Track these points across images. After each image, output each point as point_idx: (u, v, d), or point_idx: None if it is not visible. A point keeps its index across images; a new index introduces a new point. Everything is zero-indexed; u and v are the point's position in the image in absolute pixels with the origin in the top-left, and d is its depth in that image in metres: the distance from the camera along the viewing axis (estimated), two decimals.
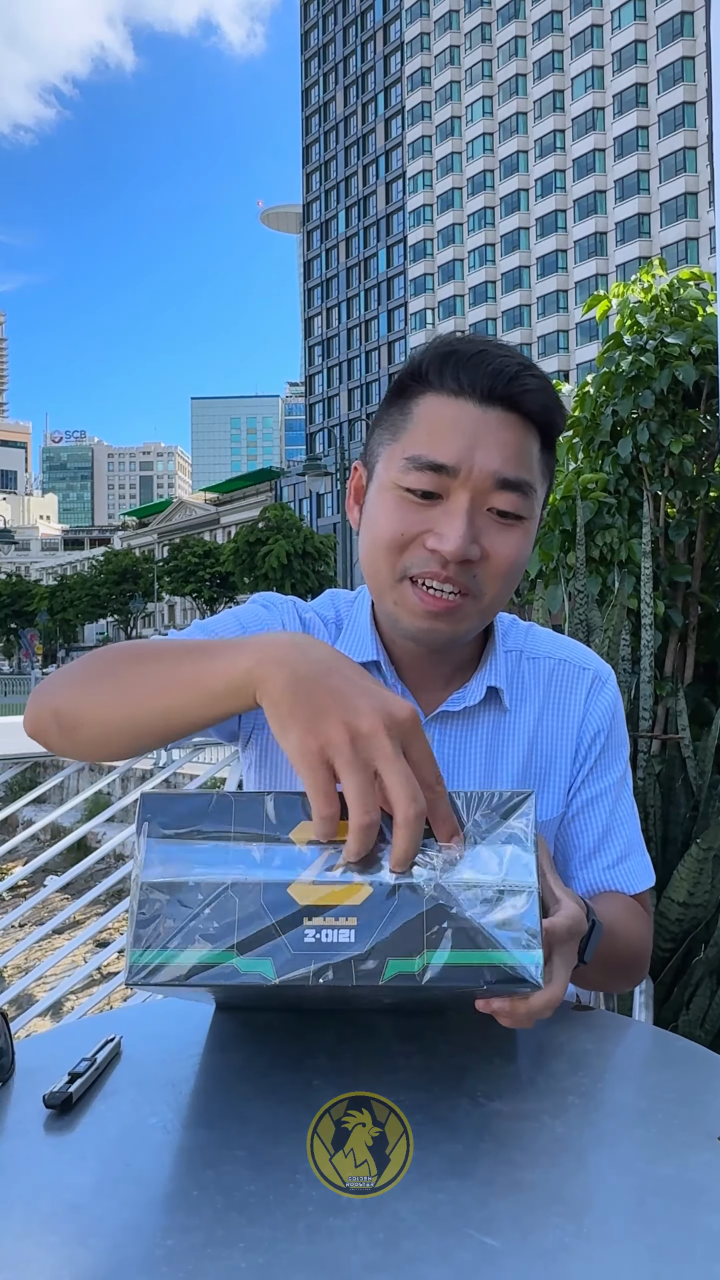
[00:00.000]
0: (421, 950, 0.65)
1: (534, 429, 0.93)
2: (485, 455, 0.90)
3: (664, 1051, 0.84)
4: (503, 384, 0.90)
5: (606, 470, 2.69)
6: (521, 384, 0.91)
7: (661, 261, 2.94)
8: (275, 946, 0.65)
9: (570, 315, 70.80)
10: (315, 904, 0.65)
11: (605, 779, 1.06)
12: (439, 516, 0.91)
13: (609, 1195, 0.61)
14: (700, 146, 62.86)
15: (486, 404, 0.91)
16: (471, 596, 0.93)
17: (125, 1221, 0.61)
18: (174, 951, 0.66)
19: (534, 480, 0.94)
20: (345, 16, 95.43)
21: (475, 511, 0.91)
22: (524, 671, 1.06)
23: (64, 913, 2.61)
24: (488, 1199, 0.61)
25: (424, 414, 0.92)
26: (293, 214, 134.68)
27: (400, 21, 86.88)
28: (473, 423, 0.90)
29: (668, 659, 2.61)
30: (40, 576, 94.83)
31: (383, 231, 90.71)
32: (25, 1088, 0.78)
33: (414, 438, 0.92)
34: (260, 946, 0.65)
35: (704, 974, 1.91)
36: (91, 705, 0.83)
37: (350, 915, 0.65)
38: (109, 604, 62.50)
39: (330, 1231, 0.59)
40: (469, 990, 0.66)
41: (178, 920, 0.66)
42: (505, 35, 75.41)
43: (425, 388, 0.93)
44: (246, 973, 0.65)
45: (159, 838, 0.68)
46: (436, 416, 0.91)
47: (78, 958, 6.21)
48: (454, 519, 0.90)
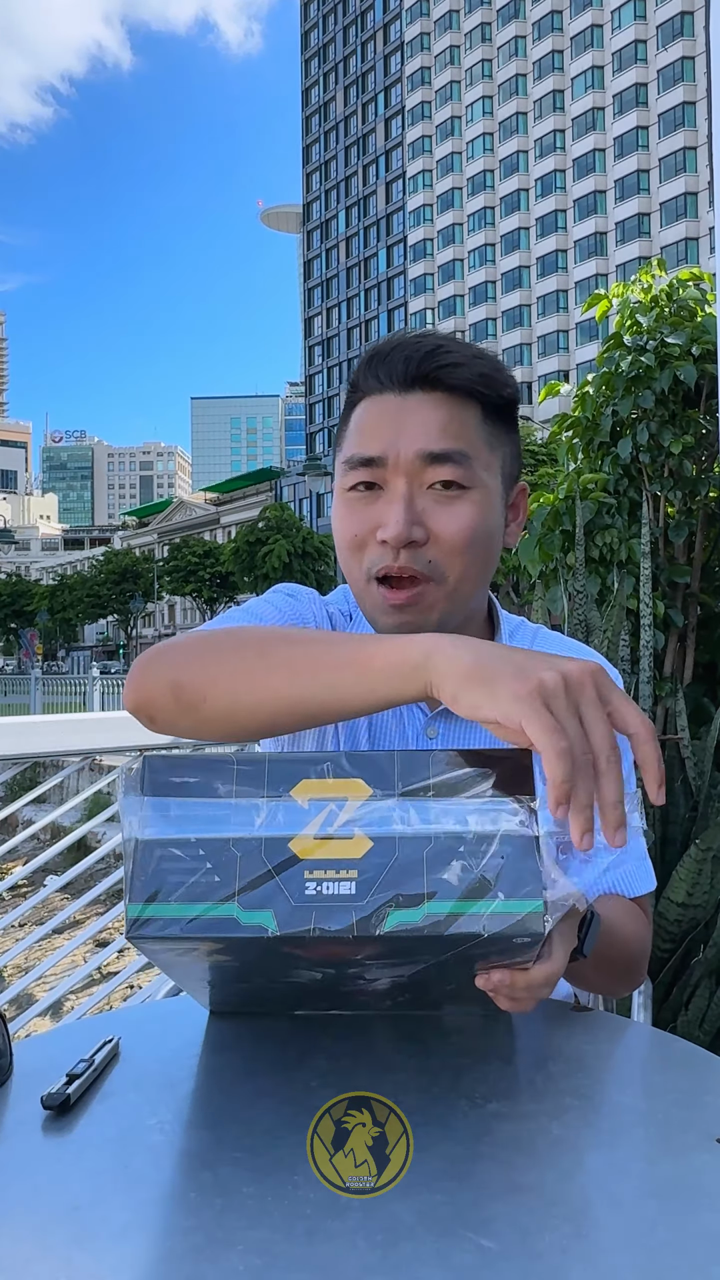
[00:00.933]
0: (423, 901, 0.65)
1: (466, 399, 0.94)
2: (409, 437, 0.92)
3: (663, 1053, 0.83)
4: (415, 366, 0.92)
5: (606, 470, 2.69)
6: (436, 361, 0.92)
7: (661, 262, 2.94)
8: (276, 898, 0.65)
9: (570, 315, 70.80)
10: (317, 858, 0.66)
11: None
12: (382, 508, 0.93)
13: (608, 1197, 0.61)
14: (700, 147, 62.86)
15: (406, 390, 0.93)
16: (433, 582, 0.93)
17: (124, 1223, 0.61)
18: (174, 905, 0.66)
19: (470, 448, 0.93)
20: (345, 16, 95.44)
21: (414, 494, 0.92)
22: None
23: (64, 913, 2.61)
24: (486, 1200, 0.61)
25: (356, 418, 0.96)
26: (293, 214, 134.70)
27: (400, 21, 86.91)
28: (394, 411, 0.93)
29: (667, 659, 2.61)
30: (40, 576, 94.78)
31: (383, 231, 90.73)
32: (23, 1089, 0.78)
33: (349, 442, 0.96)
34: (261, 899, 0.65)
35: (703, 975, 1.91)
36: (227, 677, 0.79)
37: (351, 868, 0.65)
38: (109, 604, 62.49)
39: (329, 1234, 0.58)
40: (471, 951, 0.66)
41: (178, 875, 0.66)
42: (505, 35, 75.42)
43: (358, 395, 0.97)
44: (247, 924, 0.65)
45: (160, 795, 0.68)
46: (365, 416, 0.95)
47: (77, 958, 6.21)
48: (392, 505, 0.92)
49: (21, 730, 2.59)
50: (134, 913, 0.66)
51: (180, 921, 0.65)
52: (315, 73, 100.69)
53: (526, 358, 73.01)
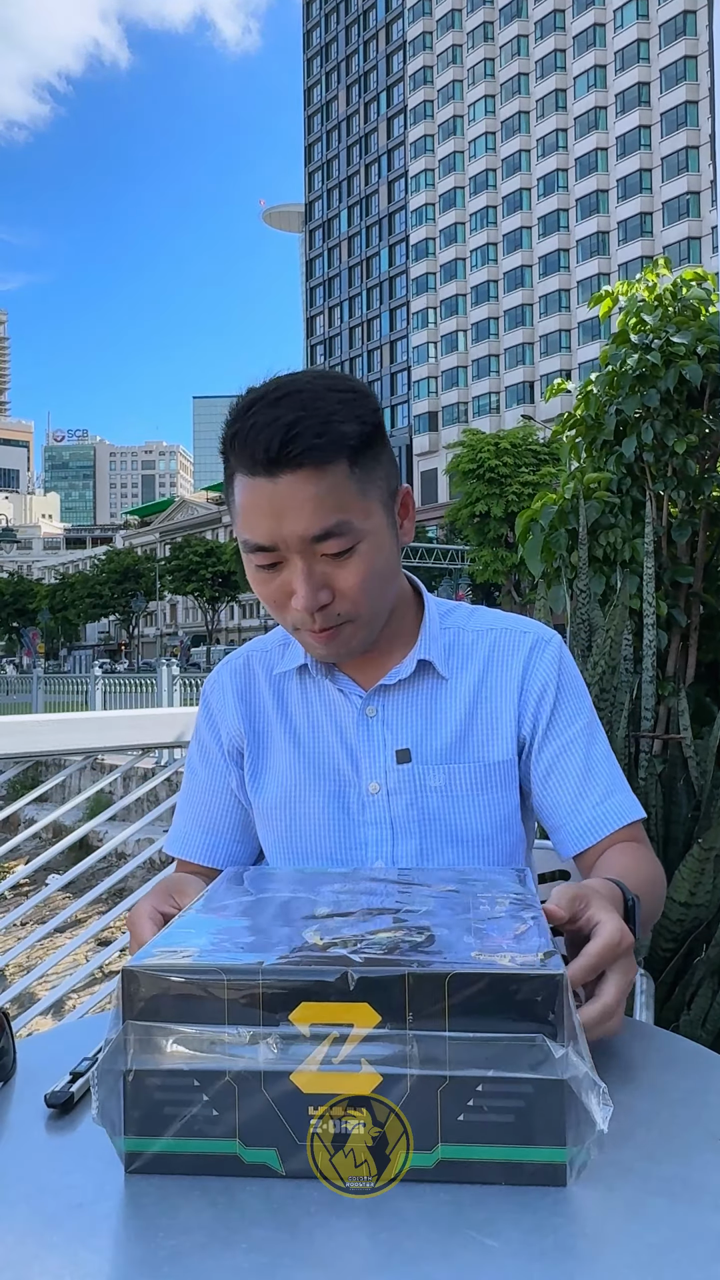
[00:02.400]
0: (436, 1144, 0.62)
1: (330, 465, 0.95)
2: (291, 523, 0.96)
3: (665, 1052, 0.83)
4: (274, 453, 0.93)
5: (610, 470, 2.69)
6: (289, 448, 0.93)
7: (666, 261, 2.93)
8: (281, 1138, 0.63)
9: (572, 314, 70.71)
10: (321, 1092, 0.63)
11: (571, 728, 1.12)
12: (289, 577, 0.99)
13: (610, 1195, 0.61)
14: (702, 146, 62.78)
15: (274, 473, 0.95)
16: (349, 623, 1.02)
17: (127, 1221, 0.61)
18: (173, 1141, 0.64)
19: (346, 512, 0.97)
20: (347, 15, 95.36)
21: (311, 564, 0.98)
22: (464, 643, 1.14)
23: (65, 911, 2.62)
24: (488, 1200, 0.61)
25: (238, 497, 0.99)
26: (295, 213, 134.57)
27: (403, 20, 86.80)
28: (269, 498, 0.95)
29: (670, 659, 2.61)
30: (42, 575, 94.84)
31: (385, 230, 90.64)
32: (27, 1087, 0.78)
33: (239, 522, 1.00)
34: (264, 1136, 0.63)
35: (705, 974, 1.91)
36: None
37: (360, 1106, 0.63)
38: (111, 603, 62.54)
39: (332, 1231, 0.58)
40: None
41: (174, 1109, 0.64)
42: (508, 34, 75.30)
43: (231, 468, 0.99)
44: (251, 1163, 0.64)
45: (146, 1021, 0.64)
46: (244, 500, 0.98)
47: (79, 956, 6.21)
48: (297, 581, 0.98)
49: (24, 729, 2.60)
50: (130, 1147, 0.65)
51: (181, 1160, 0.64)
52: (317, 71, 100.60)
53: (528, 357, 72.90)
